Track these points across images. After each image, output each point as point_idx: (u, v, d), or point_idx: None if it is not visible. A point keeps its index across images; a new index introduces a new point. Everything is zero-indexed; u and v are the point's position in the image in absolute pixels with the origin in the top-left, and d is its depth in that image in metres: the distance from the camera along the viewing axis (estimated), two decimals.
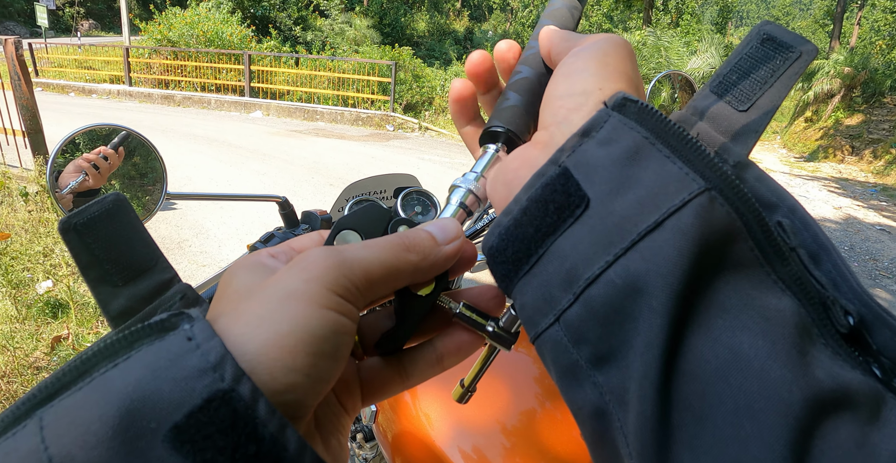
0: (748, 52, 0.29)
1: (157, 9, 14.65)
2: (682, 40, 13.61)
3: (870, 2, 37.84)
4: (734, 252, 0.22)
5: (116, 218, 0.28)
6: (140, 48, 13.26)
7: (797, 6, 59.62)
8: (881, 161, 13.09)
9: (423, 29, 29.83)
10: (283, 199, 0.85)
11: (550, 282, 0.24)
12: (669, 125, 0.24)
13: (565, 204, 0.24)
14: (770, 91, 0.28)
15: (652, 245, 0.22)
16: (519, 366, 0.93)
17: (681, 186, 0.22)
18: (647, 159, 0.23)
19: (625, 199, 0.23)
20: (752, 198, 0.23)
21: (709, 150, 0.23)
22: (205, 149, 7.16)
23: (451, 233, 0.28)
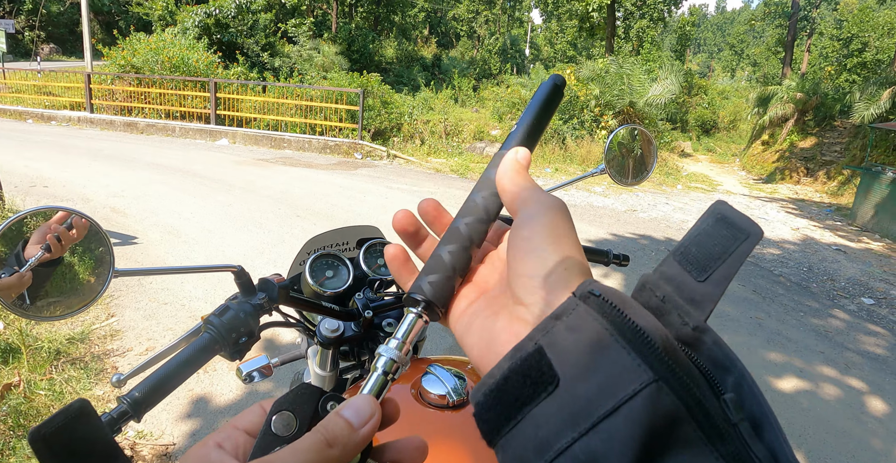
0: (705, 228, 0.33)
1: (120, 34, 14.47)
2: (643, 68, 14.05)
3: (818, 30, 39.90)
4: (680, 433, 0.25)
5: (81, 423, 0.32)
6: (102, 74, 13.05)
7: (751, 34, 62.37)
8: (834, 182, 13.65)
9: (392, 55, 30.17)
10: (239, 269, 0.83)
11: (526, 446, 0.28)
12: (626, 320, 0.28)
13: (540, 379, 0.28)
14: (723, 266, 0.31)
15: (609, 427, 0.25)
16: (462, 430, 0.91)
17: (634, 377, 0.26)
18: (607, 349, 0.27)
19: (589, 383, 0.27)
20: (694, 388, 0.26)
21: (657, 333, 0.27)
22: (169, 179, 7.03)
23: (366, 414, 0.32)
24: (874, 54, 32.39)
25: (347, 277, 1.14)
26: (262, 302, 0.83)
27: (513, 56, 38.67)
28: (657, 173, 12.23)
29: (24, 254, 0.64)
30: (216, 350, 0.76)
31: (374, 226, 1.30)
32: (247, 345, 0.79)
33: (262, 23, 21.19)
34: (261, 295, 0.84)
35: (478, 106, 18.59)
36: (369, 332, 1.05)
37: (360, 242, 1.28)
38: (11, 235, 0.62)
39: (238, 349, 0.78)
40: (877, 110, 12.91)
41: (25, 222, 0.63)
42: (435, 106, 14.95)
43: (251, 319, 0.80)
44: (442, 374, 0.93)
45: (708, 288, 0.31)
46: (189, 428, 2.41)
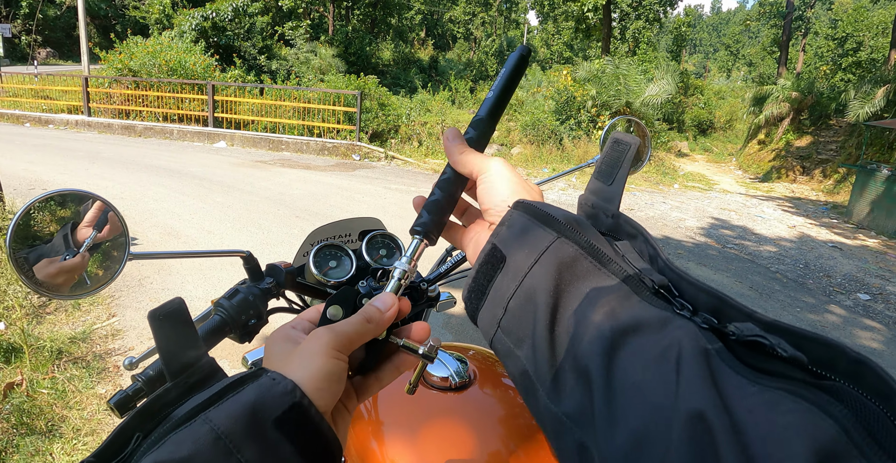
0: (607, 150, 0.49)
1: (117, 38, 14.49)
2: (639, 68, 14.10)
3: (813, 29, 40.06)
4: (580, 266, 0.40)
5: (181, 313, 0.45)
6: (100, 77, 13.05)
7: (746, 35, 62.59)
8: (830, 180, 13.70)
9: (389, 58, 30.21)
10: (247, 254, 0.86)
11: (494, 306, 0.43)
12: (539, 211, 0.43)
13: (495, 263, 0.44)
14: (619, 170, 0.48)
15: (535, 272, 0.40)
16: (485, 409, 0.94)
17: (545, 240, 0.41)
18: (530, 230, 0.43)
19: (521, 252, 0.42)
20: (584, 236, 0.41)
21: (563, 215, 0.42)
22: (167, 181, 7.04)
23: (389, 303, 0.48)
24: (869, 53, 32.54)
25: (350, 267, 1.16)
26: (269, 286, 0.85)
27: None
28: (654, 173, 12.27)
29: (75, 237, 0.67)
30: (226, 331, 0.79)
31: (376, 218, 1.33)
32: (256, 327, 0.82)
33: (258, 26, 21.23)
34: (269, 279, 0.86)
35: (475, 108, 18.63)
36: None
37: (363, 234, 1.31)
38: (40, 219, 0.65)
39: (248, 331, 0.81)
40: (871, 108, 12.98)
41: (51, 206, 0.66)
42: (432, 108, 14.98)
43: (260, 302, 0.83)
44: (445, 358, 0.95)
45: (614, 188, 0.47)
46: None
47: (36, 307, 3.28)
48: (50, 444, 2.21)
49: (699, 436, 0.28)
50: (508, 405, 0.95)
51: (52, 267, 0.64)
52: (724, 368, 0.31)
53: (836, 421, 0.26)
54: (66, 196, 0.66)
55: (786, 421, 0.27)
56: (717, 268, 5.53)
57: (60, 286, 0.66)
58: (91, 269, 0.68)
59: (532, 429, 0.90)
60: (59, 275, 0.65)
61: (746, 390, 0.29)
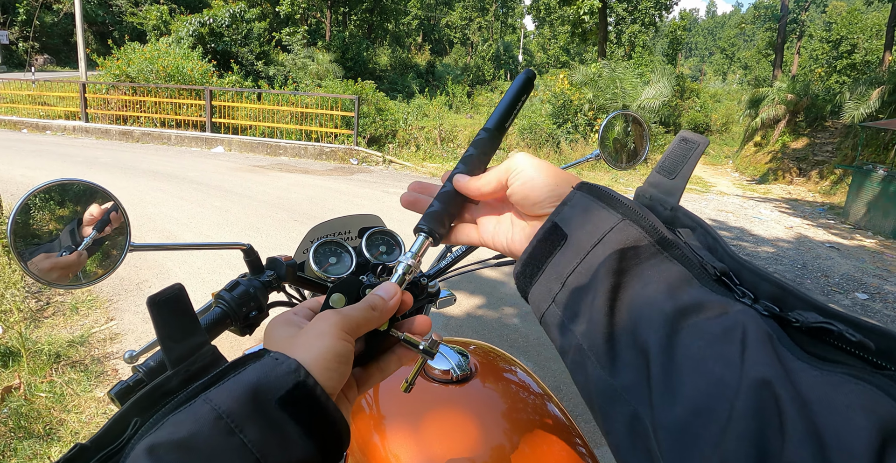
0: (673, 147, 0.49)
1: (115, 44, 14.52)
2: (635, 72, 14.17)
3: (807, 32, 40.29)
4: (642, 248, 0.40)
5: (179, 299, 0.44)
6: (97, 83, 13.07)
7: (741, 38, 62.90)
8: (827, 181, 13.75)
9: (386, 63, 30.30)
10: (248, 247, 0.86)
11: (549, 282, 0.43)
12: (603, 193, 0.44)
13: (556, 240, 0.44)
14: (684, 166, 0.47)
15: (597, 251, 0.41)
16: (486, 402, 0.94)
17: (610, 221, 0.42)
18: (593, 210, 0.43)
19: (583, 230, 0.42)
20: (649, 220, 0.41)
21: (626, 200, 0.43)
22: (165, 186, 7.04)
23: (392, 292, 0.48)
24: (863, 56, 32.72)
25: (350, 264, 1.17)
26: (270, 279, 0.86)
27: (506, 62, 38.87)
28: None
29: (77, 227, 0.67)
30: (227, 324, 0.79)
31: (376, 215, 1.33)
32: (257, 319, 0.82)
33: (256, 32, 21.29)
34: (269, 272, 0.87)
35: (472, 112, 18.68)
36: None
37: (362, 230, 1.31)
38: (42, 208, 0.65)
39: (248, 323, 0.81)
40: (866, 110, 13.04)
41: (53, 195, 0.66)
42: (429, 112, 15.02)
43: (260, 294, 0.83)
44: (446, 351, 0.96)
45: (677, 182, 0.47)
46: None
47: (34, 311, 3.27)
48: (48, 447, 2.21)
49: (765, 403, 0.29)
50: (510, 398, 0.95)
51: (51, 260, 0.65)
52: (786, 353, 0.32)
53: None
54: (68, 185, 0.66)
55: (849, 400, 0.28)
56: None
57: (62, 276, 0.66)
58: (93, 259, 0.69)
59: (533, 422, 0.90)
60: (57, 268, 0.65)
61: (810, 373, 0.30)
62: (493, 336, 3.43)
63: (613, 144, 1.19)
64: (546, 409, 0.95)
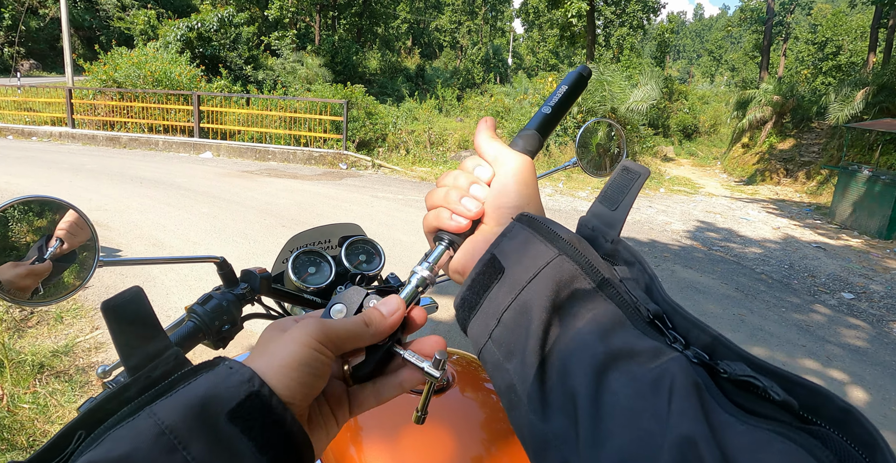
0: (615, 177, 0.48)
1: (102, 49, 14.42)
2: (623, 74, 14.25)
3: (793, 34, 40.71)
4: (578, 285, 0.39)
5: (138, 303, 0.42)
6: (84, 89, 12.96)
7: (728, 40, 63.47)
8: (813, 182, 13.89)
9: (375, 67, 30.30)
10: (221, 260, 0.85)
11: (487, 317, 0.42)
12: (542, 226, 0.43)
13: (493, 273, 0.43)
14: (626, 197, 0.47)
15: (532, 287, 0.40)
16: (466, 413, 0.94)
17: (546, 255, 0.41)
18: (531, 244, 0.42)
19: (520, 265, 0.41)
20: (586, 257, 0.40)
21: (566, 233, 0.42)
22: (152, 192, 6.99)
23: (394, 309, 0.45)
24: (848, 57, 33.12)
25: (329, 273, 1.16)
26: (244, 292, 0.85)
27: (496, 65, 38.99)
28: None
29: (42, 243, 0.67)
30: (200, 338, 0.78)
31: (356, 223, 1.33)
32: (230, 333, 0.81)
33: (244, 36, 21.22)
34: (243, 285, 0.86)
35: (462, 115, 18.70)
36: None
37: (342, 239, 1.31)
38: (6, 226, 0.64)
39: (221, 337, 0.80)
40: (851, 111, 13.19)
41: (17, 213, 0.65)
42: (419, 116, 15.02)
43: (234, 308, 0.82)
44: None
45: (618, 214, 0.46)
46: None
47: (17, 321, 3.24)
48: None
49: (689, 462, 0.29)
50: (488, 408, 0.95)
51: (14, 272, 0.64)
52: (713, 404, 0.31)
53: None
54: (33, 202, 0.65)
55: (775, 461, 0.27)
56: (703, 270, 5.57)
57: (23, 292, 0.65)
58: (60, 275, 0.68)
59: (511, 431, 0.90)
60: (23, 279, 0.64)
61: (736, 428, 0.29)
62: None
63: (595, 149, 1.19)
64: None
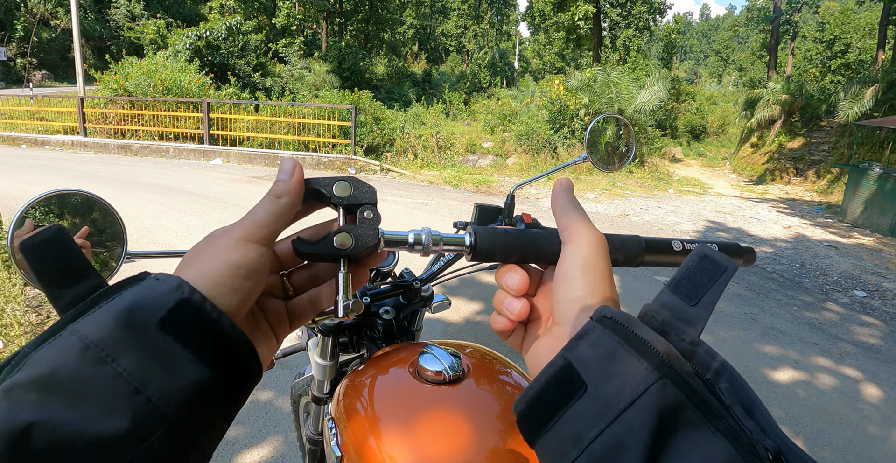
0: (692, 265, 0.40)
1: (112, 58, 14.61)
2: (630, 76, 14.24)
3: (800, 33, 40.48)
4: (683, 416, 0.33)
5: (60, 240, 0.38)
6: (95, 98, 13.14)
7: (735, 40, 63.22)
8: (824, 181, 13.78)
9: (382, 72, 30.46)
10: None
11: (564, 440, 0.36)
12: (633, 335, 0.36)
13: (571, 387, 0.36)
14: (708, 293, 0.39)
15: (628, 418, 0.33)
16: (479, 402, 0.96)
17: (644, 377, 0.34)
18: (620, 357, 0.35)
19: (609, 386, 0.34)
20: (690, 381, 0.34)
21: (656, 341, 0.35)
22: (164, 199, 7.07)
23: (289, 168, 0.43)
24: (857, 55, 32.87)
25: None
26: None
27: (502, 69, 39.07)
28: (649, 178, 12.34)
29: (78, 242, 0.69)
30: None
31: None
32: None
33: (252, 44, 21.42)
34: None
35: (469, 119, 18.76)
36: (367, 319, 1.10)
37: None
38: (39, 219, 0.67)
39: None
40: (861, 108, 13.09)
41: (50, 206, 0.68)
42: (426, 120, 15.08)
43: None
44: (439, 353, 0.97)
45: (698, 311, 0.38)
46: None
47: (34, 325, 3.28)
48: None
49: None
50: (504, 399, 0.97)
51: None
52: None
53: None
54: (65, 196, 0.68)
55: None
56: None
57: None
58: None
59: None
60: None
61: None
62: (492, 342, 3.44)
63: (600, 146, 1.21)
64: None
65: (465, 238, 0.46)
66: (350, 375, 1.05)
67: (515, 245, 0.45)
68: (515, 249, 0.45)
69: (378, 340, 1.11)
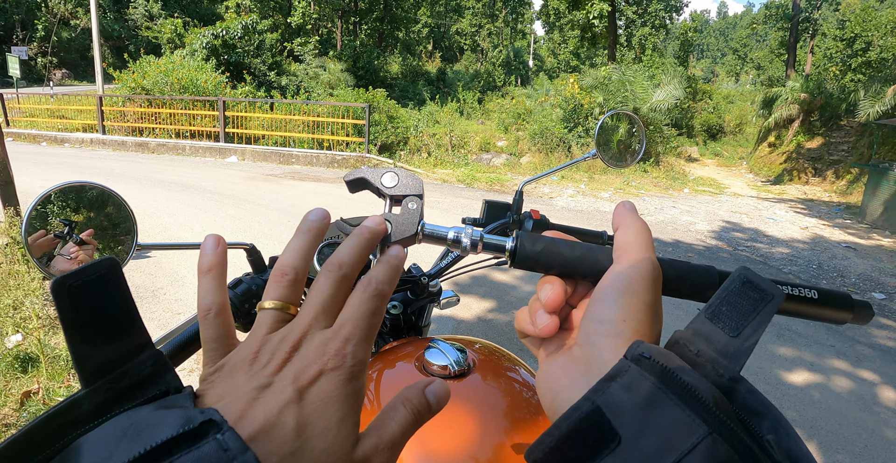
0: (732, 290, 0.36)
1: (131, 57, 14.80)
2: (645, 74, 14.13)
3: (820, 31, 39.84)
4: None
5: (107, 282, 0.30)
6: (114, 96, 13.33)
7: (753, 38, 62.41)
8: (843, 181, 13.56)
9: (397, 71, 30.50)
10: (251, 246, 0.89)
11: None
12: (676, 378, 0.30)
13: (601, 438, 0.30)
14: (753, 323, 0.35)
15: None
16: (484, 397, 0.96)
17: (690, 431, 0.28)
18: (661, 406, 0.30)
19: (648, 440, 0.29)
20: (742, 436, 0.29)
21: (701, 385, 0.30)
22: (180, 196, 7.16)
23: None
24: (878, 53, 32.27)
25: None
26: None
27: (516, 68, 38.94)
28: (664, 178, 12.23)
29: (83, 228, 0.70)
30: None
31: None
32: None
33: (268, 43, 21.58)
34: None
35: (483, 118, 18.73)
36: None
37: None
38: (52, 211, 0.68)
39: (251, 320, 0.84)
40: (882, 107, 12.85)
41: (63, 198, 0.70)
42: (440, 119, 15.08)
43: (262, 292, 0.86)
44: (444, 347, 0.97)
45: (740, 342, 0.34)
46: None
47: (52, 318, 3.34)
48: None
49: None
50: (509, 394, 0.96)
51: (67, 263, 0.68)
52: None
53: None
54: (77, 188, 0.70)
55: None
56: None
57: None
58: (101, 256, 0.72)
59: (534, 418, 0.92)
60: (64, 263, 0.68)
61: None
62: (503, 340, 3.44)
63: (616, 144, 1.20)
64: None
65: (507, 243, 0.44)
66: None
67: (560, 257, 0.42)
68: (560, 262, 0.42)
69: (385, 335, 1.12)
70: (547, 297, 0.40)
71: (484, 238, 0.45)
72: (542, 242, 0.43)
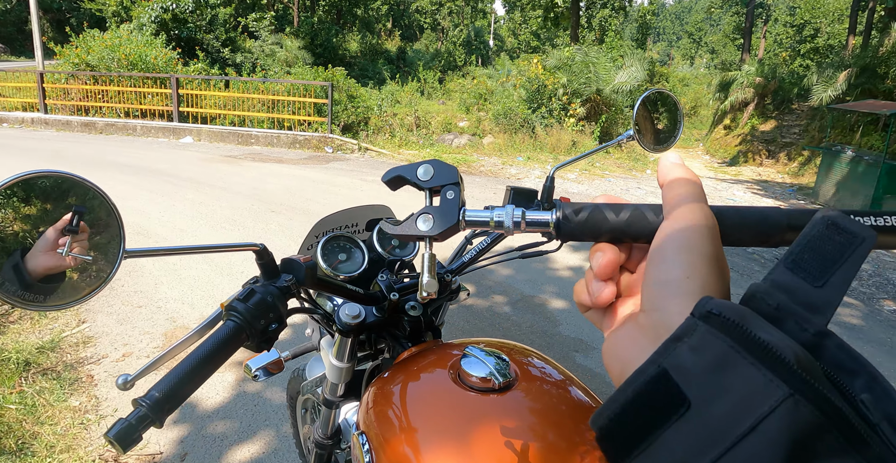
0: (816, 234, 0.32)
1: (73, 32, 13.88)
2: (607, 56, 14.16)
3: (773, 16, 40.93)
4: (822, 444, 0.25)
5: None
6: (56, 73, 12.50)
7: (708, 22, 63.62)
8: (795, 163, 14.04)
9: (356, 49, 29.78)
10: (261, 247, 0.75)
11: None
12: (751, 336, 0.27)
13: (669, 402, 0.28)
14: (841, 270, 0.31)
15: (750, 446, 0.25)
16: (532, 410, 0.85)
17: (768, 393, 0.26)
18: (735, 367, 0.27)
19: (720, 404, 0.27)
20: (830, 396, 0.26)
21: (785, 348, 0.27)
22: (133, 179, 6.77)
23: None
24: (826, 40, 33.43)
25: (362, 260, 1.07)
26: (288, 284, 0.75)
27: (477, 47, 38.57)
28: (626, 159, 12.36)
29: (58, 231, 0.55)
30: (243, 340, 0.68)
31: (384, 205, 1.23)
32: (275, 333, 0.71)
33: (221, 18, 20.66)
34: (286, 276, 0.76)
35: (444, 98, 18.50)
36: (393, 316, 0.98)
37: (370, 223, 1.21)
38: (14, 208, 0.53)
39: (266, 338, 0.71)
40: (834, 92, 13.29)
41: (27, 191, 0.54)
42: (402, 99, 14.80)
43: (279, 303, 0.72)
44: (482, 355, 0.86)
45: (827, 293, 0.30)
46: (175, 435, 2.30)
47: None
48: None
49: None
50: (558, 409, 0.86)
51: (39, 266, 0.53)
52: None
53: None
54: (46, 178, 0.54)
55: None
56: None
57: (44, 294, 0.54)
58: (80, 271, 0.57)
59: (579, 432, 0.82)
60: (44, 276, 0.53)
61: None
62: (522, 339, 3.37)
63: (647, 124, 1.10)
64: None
65: (549, 216, 0.42)
66: (378, 380, 0.94)
67: (607, 223, 0.40)
68: (607, 228, 0.40)
69: (403, 340, 1.00)
70: (598, 263, 0.39)
71: (526, 215, 0.44)
72: (585, 209, 0.41)
